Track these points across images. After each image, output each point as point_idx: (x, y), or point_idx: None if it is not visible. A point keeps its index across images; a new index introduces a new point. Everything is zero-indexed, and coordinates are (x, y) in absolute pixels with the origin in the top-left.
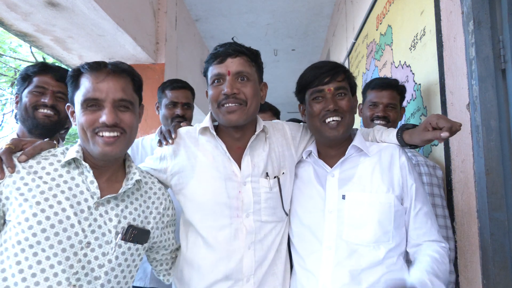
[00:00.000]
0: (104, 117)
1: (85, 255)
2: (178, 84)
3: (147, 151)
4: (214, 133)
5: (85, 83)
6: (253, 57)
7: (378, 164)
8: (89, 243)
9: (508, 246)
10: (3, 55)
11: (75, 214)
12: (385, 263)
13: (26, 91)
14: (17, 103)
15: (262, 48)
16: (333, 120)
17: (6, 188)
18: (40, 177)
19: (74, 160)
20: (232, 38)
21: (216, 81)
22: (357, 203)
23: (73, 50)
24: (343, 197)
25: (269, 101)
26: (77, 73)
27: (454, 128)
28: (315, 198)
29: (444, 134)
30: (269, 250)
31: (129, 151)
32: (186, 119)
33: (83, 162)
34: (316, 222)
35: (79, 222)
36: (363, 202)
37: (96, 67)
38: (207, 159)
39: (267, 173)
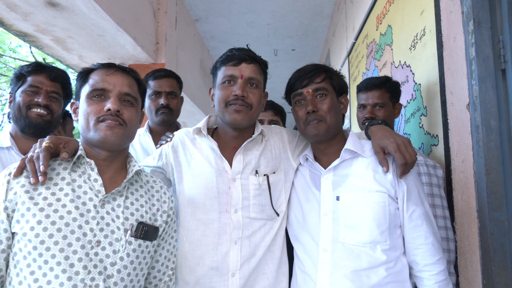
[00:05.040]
0: (109, 105)
1: (96, 254)
2: (160, 73)
3: (134, 146)
4: (206, 133)
5: (94, 77)
6: (263, 67)
7: (371, 164)
8: (99, 242)
9: (508, 246)
10: (3, 55)
11: (81, 215)
12: (384, 266)
13: (19, 90)
14: (10, 102)
15: (262, 48)
16: (313, 120)
17: (10, 203)
18: (42, 184)
19: (74, 161)
20: (247, 45)
21: (227, 82)
22: (351, 203)
23: (73, 50)
24: (337, 198)
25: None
26: (88, 70)
27: (409, 163)
28: (312, 201)
29: (386, 169)
30: (257, 248)
31: None
32: (171, 109)
33: (88, 159)
34: (313, 225)
35: (87, 222)
36: (357, 202)
37: (107, 65)
38: (201, 155)
39: (256, 171)
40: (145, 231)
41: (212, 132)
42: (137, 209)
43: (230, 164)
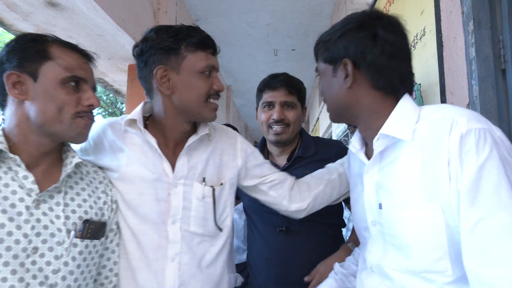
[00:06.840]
0: (92, 100)
1: (34, 262)
2: None
3: None
4: (142, 127)
5: (67, 58)
6: None
7: (420, 154)
8: (35, 248)
9: None
10: None
11: (11, 219)
12: None
13: None
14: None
15: (262, 48)
16: None
17: None
18: None
19: None
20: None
21: (207, 73)
22: (394, 215)
23: None
24: (380, 206)
25: None
26: (46, 41)
27: None
28: (359, 203)
29: None
30: (198, 267)
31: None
32: None
33: (11, 155)
34: (366, 234)
35: (18, 227)
36: (400, 215)
37: (80, 49)
38: (134, 154)
39: (204, 178)
40: (92, 230)
41: (145, 123)
42: (79, 204)
43: (172, 166)
